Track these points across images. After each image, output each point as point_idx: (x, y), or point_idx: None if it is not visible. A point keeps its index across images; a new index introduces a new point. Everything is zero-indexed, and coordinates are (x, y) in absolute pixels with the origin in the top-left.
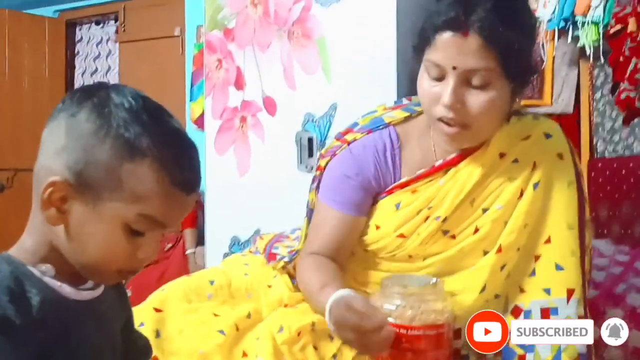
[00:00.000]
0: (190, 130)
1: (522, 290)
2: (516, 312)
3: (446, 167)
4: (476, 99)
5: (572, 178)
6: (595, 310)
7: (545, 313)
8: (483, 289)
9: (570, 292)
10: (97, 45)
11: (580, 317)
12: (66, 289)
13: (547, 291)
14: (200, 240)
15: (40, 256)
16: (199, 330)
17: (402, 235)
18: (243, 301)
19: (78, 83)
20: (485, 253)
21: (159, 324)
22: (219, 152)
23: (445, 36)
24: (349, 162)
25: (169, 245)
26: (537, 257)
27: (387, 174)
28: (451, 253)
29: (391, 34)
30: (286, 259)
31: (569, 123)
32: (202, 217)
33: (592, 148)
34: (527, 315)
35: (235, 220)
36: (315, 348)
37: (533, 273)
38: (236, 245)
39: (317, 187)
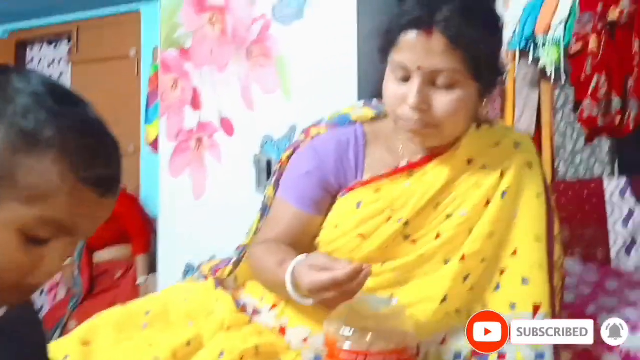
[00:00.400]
0: (146, 153)
1: (485, 307)
2: None
3: (411, 168)
4: (442, 100)
5: (541, 190)
6: None
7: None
8: (444, 300)
9: (536, 308)
10: (48, 66)
11: None
12: None
13: (512, 306)
14: (152, 268)
15: None
16: (132, 359)
17: (361, 236)
18: (183, 329)
19: None
20: (446, 262)
21: (86, 358)
22: (174, 174)
23: (410, 36)
24: (310, 156)
25: (119, 273)
26: (502, 271)
27: (349, 170)
28: (411, 259)
29: (352, 51)
30: (234, 259)
31: None
32: (155, 243)
33: (554, 170)
34: None
35: (190, 245)
36: None
37: (498, 287)
38: (190, 272)
39: (277, 182)
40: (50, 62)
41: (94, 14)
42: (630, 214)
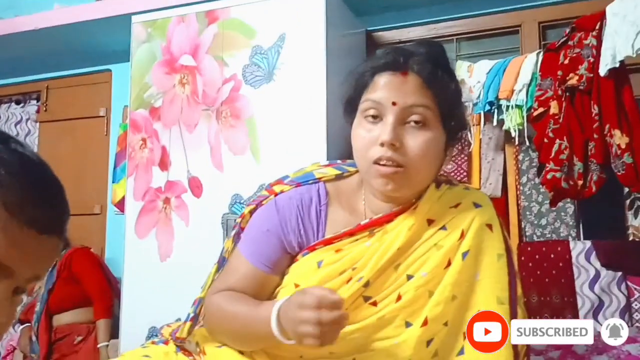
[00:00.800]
0: (112, 213)
1: None
2: None
3: (372, 226)
4: (414, 138)
5: (502, 251)
6: None
7: None
8: None
9: None
10: (15, 125)
11: None
12: None
13: None
14: (114, 333)
15: None
16: None
17: None
18: None
19: None
20: (408, 325)
21: None
22: (140, 235)
23: (385, 75)
24: (271, 214)
25: (79, 338)
26: (465, 334)
27: (310, 229)
28: (371, 321)
29: (321, 114)
30: (191, 314)
31: (498, 207)
32: (117, 307)
33: (521, 232)
34: None
35: (154, 308)
36: None
37: (462, 351)
38: (154, 337)
39: (236, 235)
40: (17, 121)
41: (64, 73)
42: (597, 276)
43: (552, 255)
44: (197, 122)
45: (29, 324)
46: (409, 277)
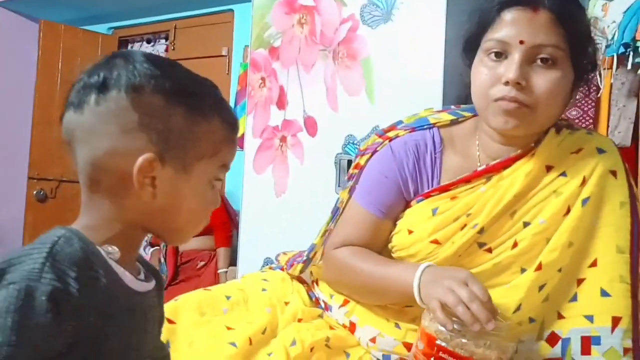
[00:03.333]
0: None
1: (560, 317)
2: (553, 339)
3: (488, 172)
4: (541, 78)
5: (626, 198)
6: None
7: (586, 342)
8: (517, 309)
9: (616, 321)
10: None
11: (626, 350)
12: (127, 277)
13: (590, 318)
14: (233, 261)
15: (106, 237)
16: (210, 343)
17: (436, 242)
18: (260, 316)
19: None
20: (523, 271)
21: (170, 335)
22: (258, 171)
23: (514, 11)
24: (388, 159)
25: (202, 262)
26: (580, 281)
27: (425, 175)
28: (486, 267)
29: (439, 57)
30: (304, 257)
31: (626, 157)
32: (236, 237)
33: None
34: (566, 343)
35: (269, 241)
36: None
37: (574, 298)
38: (269, 264)
39: (352, 187)
40: None
41: (190, 13)
42: None
43: None
44: (314, 62)
45: (158, 247)
46: (526, 224)
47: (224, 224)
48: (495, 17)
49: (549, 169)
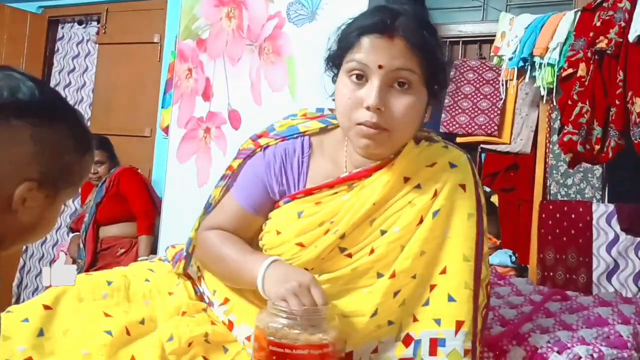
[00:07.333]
0: (160, 137)
1: (415, 319)
2: (407, 340)
3: (350, 180)
4: (399, 102)
5: (473, 210)
6: (499, 348)
7: (434, 344)
8: (374, 314)
9: (459, 324)
10: (77, 45)
11: (467, 351)
12: None
13: (438, 322)
14: (154, 249)
15: None
16: (86, 329)
17: (301, 244)
18: (139, 307)
19: (54, 80)
20: (380, 276)
21: (45, 322)
22: (181, 160)
23: (372, 37)
24: (259, 162)
25: (122, 250)
26: (432, 287)
27: (291, 178)
28: (346, 272)
29: None
30: (184, 253)
31: (526, 163)
32: (158, 226)
33: (546, 190)
34: (417, 345)
35: (190, 230)
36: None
37: (427, 302)
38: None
39: (225, 186)
40: (79, 41)
41: None
42: (616, 239)
43: (573, 216)
44: (240, 56)
45: (78, 233)
46: (383, 232)
47: (147, 212)
48: (355, 42)
49: (406, 180)
